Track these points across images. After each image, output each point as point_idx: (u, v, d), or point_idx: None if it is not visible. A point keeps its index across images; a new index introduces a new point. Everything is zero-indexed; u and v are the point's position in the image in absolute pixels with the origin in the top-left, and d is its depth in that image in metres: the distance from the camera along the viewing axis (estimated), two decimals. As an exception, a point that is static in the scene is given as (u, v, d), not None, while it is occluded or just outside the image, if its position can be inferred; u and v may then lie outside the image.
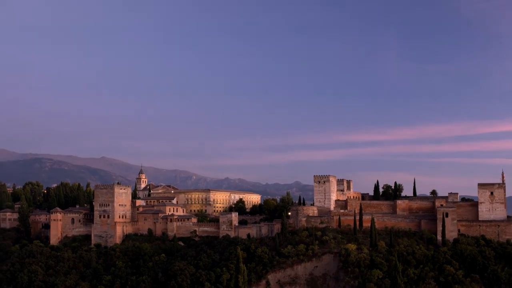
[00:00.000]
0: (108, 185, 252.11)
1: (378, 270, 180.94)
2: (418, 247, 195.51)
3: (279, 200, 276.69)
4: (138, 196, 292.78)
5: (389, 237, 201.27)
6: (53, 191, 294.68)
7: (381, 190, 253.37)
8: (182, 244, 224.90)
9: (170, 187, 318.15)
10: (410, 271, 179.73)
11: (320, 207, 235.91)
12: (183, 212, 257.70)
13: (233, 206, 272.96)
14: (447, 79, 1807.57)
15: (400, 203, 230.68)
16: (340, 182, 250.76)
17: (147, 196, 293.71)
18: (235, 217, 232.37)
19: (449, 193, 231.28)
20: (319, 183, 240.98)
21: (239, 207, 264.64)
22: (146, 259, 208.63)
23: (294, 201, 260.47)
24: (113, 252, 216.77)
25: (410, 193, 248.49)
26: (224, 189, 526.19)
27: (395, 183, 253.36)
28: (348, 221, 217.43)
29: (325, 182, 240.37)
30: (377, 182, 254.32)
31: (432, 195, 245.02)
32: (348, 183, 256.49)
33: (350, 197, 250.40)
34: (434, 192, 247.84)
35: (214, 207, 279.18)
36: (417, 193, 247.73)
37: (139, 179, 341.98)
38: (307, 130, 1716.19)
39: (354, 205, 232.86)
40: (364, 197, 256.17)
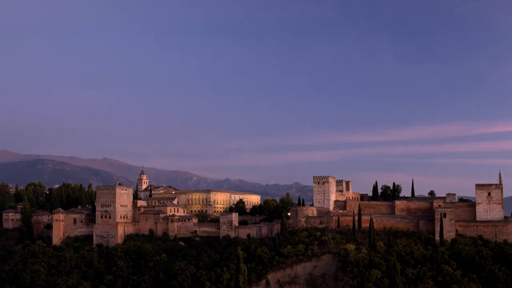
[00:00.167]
0: (109, 186, 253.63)
1: (376, 270, 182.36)
2: (416, 247, 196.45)
3: (278, 200, 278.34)
4: (139, 196, 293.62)
5: (387, 237, 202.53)
6: (55, 191, 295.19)
7: (379, 190, 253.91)
8: (183, 244, 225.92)
9: (171, 187, 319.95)
10: (408, 271, 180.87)
11: (319, 208, 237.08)
12: (184, 212, 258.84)
13: (233, 206, 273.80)
14: (445, 80, 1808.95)
15: (398, 204, 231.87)
16: (339, 183, 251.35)
17: (148, 196, 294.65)
18: (235, 217, 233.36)
19: (447, 194, 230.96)
20: (318, 183, 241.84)
21: (239, 207, 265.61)
22: (147, 259, 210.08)
23: (293, 202, 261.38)
24: (115, 252, 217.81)
25: (408, 193, 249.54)
26: (224, 189, 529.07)
27: (394, 183, 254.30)
28: (347, 221, 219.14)
29: (324, 183, 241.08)
30: (376, 182, 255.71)
31: (430, 196, 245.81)
32: (347, 183, 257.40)
33: (349, 197, 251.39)
34: (432, 192, 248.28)
35: (214, 207, 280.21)
36: (415, 193, 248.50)
37: (140, 180, 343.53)
38: (306, 131, 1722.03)
39: (353, 206, 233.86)
40: (363, 197, 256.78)
